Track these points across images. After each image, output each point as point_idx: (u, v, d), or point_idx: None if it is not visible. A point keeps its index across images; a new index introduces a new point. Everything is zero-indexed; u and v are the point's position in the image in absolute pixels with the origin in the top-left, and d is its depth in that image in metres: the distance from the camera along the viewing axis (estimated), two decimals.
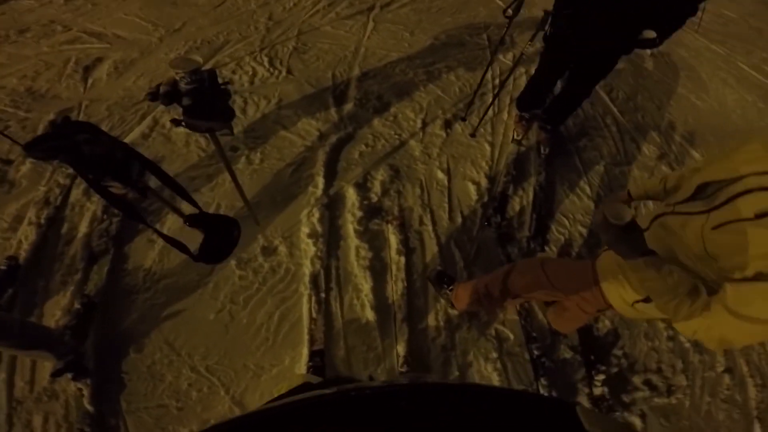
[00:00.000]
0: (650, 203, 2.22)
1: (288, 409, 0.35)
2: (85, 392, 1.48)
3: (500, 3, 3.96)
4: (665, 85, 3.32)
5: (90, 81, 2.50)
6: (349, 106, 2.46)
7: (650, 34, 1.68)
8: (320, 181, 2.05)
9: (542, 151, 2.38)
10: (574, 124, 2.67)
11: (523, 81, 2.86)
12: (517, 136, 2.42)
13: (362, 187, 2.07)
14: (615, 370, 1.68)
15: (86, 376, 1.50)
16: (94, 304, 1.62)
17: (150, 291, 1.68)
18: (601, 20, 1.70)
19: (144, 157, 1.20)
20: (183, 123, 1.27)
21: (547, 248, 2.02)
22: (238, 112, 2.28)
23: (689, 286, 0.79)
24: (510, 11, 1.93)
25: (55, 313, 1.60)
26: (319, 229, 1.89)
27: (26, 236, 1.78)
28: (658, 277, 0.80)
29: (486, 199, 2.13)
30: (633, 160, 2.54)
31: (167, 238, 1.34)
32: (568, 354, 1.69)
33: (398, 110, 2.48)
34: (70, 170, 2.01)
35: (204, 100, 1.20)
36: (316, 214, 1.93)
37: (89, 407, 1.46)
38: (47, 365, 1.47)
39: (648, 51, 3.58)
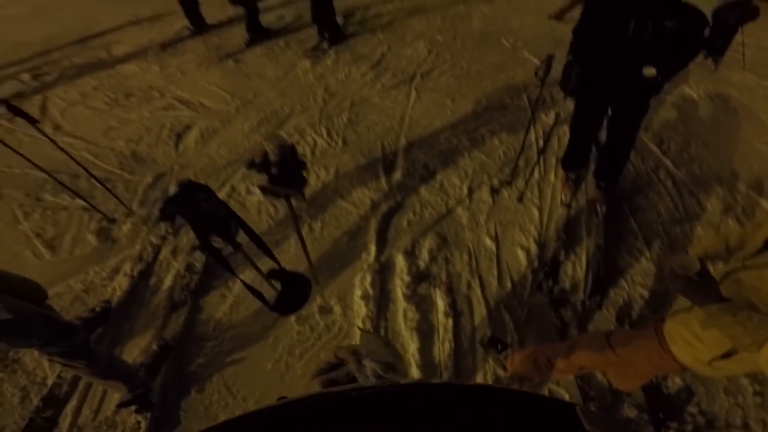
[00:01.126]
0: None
1: (288, 408, 0.35)
2: (143, 425, 1.66)
3: (536, 61, 4.14)
4: (721, 130, 3.18)
5: (181, 147, 2.97)
6: (397, 175, 2.66)
7: (650, 71, 1.71)
8: (372, 249, 2.22)
9: (599, 209, 2.36)
10: (625, 182, 2.64)
11: (566, 140, 2.92)
12: (565, 198, 2.45)
13: (410, 254, 2.21)
14: (690, 428, 1.58)
15: (149, 410, 1.69)
16: (170, 347, 1.86)
17: (218, 339, 1.92)
18: (605, 59, 1.78)
19: (239, 217, 1.42)
20: (267, 190, 1.48)
21: (604, 310, 1.98)
22: None
23: None
24: (541, 72, 2.04)
25: (133, 352, 1.87)
26: (370, 292, 2.04)
27: (120, 285, 2.12)
28: (736, 322, 0.80)
29: (536, 264, 2.16)
30: (694, 216, 2.42)
31: (250, 288, 1.55)
32: (632, 413, 1.62)
33: (444, 178, 2.63)
34: (162, 232, 2.36)
35: (287, 171, 1.42)
36: (368, 279, 2.09)
37: None
38: (116, 397, 1.69)
39: (695, 95, 3.50)
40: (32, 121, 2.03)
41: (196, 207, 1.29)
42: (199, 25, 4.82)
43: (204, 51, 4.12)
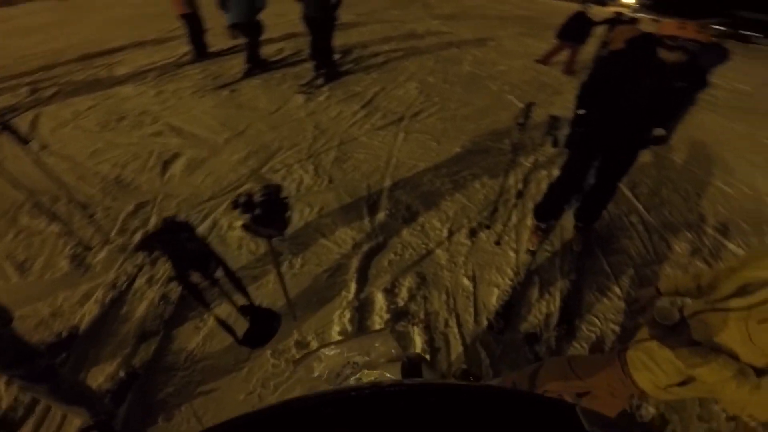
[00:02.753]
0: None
1: (289, 408, 0.36)
2: None
3: (520, 105, 4.40)
4: (690, 173, 3.39)
5: (167, 175, 3.01)
6: (380, 216, 2.76)
7: (660, 132, 1.83)
8: (352, 287, 2.27)
9: (574, 248, 2.50)
10: (599, 226, 2.79)
11: (545, 185, 3.11)
12: (532, 246, 2.54)
13: (390, 293, 2.27)
14: None
15: None
16: (137, 375, 1.83)
17: (189, 370, 1.89)
18: (610, 118, 1.88)
19: (218, 255, 1.46)
20: (249, 229, 1.54)
21: (577, 345, 2.08)
22: None
23: (735, 370, 0.89)
24: (521, 118, 2.21)
25: (98, 378, 1.83)
26: (349, 328, 2.07)
27: (90, 311, 2.09)
28: (704, 363, 0.90)
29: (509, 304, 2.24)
30: (664, 258, 2.59)
31: (221, 322, 1.56)
32: None
33: (426, 220, 2.75)
34: (138, 261, 2.37)
35: (270, 211, 1.47)
36: (347, 315, 2.12)
37: None
38: (75, 423, 1.63)
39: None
40: (23, 141, 2.07)
41: (178, 244, 1.34)
42: (201, 52, 5.04)
43: (201, 78, 4.28)
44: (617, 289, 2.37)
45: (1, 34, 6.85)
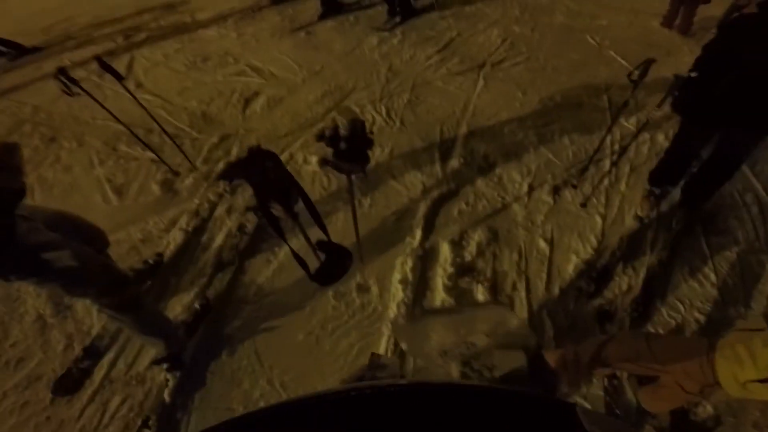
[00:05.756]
0: None
1: (289, 408, 0.37)
2: (170, 383, 1.80)
3: (623, 63, 3.91)
4: None
5: (247, 112, 3.26)
6: (454, 163, 2.69)
7: None
8: (418, 233, 2.28)
9: (673, 225, 2.28)
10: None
11: (646, 149, 2.79)
12: (641, 212, 2.35)
13: (457, 245, 2.24)
14: None
15: (179, 368, 1.82)
16: (210, 307, 2.03)
17: (257, 304, 2.07)
18: (732, 87, 1.67)
19: (301, 188, 1.50)
20: (330, 164, 1.57)
21: (652, 330, 1.93)
22: None
23: None
24: (636, 73, 1.97)
25: (176, 308, 2.06)
26: (410, 277, 2.10)
27: (175, 239, 2.35)
28: None
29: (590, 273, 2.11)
30: None
31: (296, 255, 1.66)
32: None
33: (504, 171, 2.62)
34: (220, 190, 2.60)
35: (354, 146, 1.48)
36: (410, 263, 2.15)
37: (167, 397, 1.76)
38: (151, 352, 1.83)
39: None
40: (118, 77, 2.32)
41: (262, 173, 1.38)
42: None
43: (279, 21, 4.43)
44: (712, 275, 2.10)
45: None
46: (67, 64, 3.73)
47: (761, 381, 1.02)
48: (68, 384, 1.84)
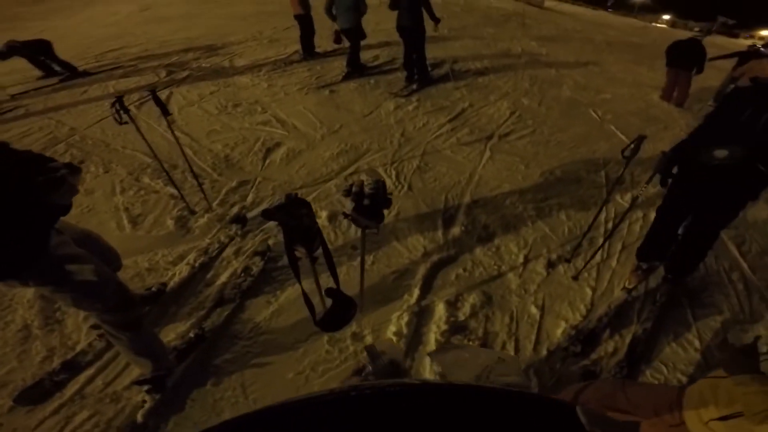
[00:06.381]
0: None
1: (290, 407, 0.37)
2: (147, 405, 1.73)
3: (622, 137, 4.19)
4: None
5: (267, 161, 3.47)
6: (455, 230, 2.85)
7: None
8: (416, 292, 2.39)
9: (657, 298, 2.39)
10: (692, 277, 2.60)
11: (638, 227, 2.97)
12: (629, 284, 2.48)
13: (452, 305, 2.34)
14: None
15: (160, 391, 1.76)
16: (204, 338, 2.05)
17: (251, 340, 2.11)
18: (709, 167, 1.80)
19: (323, 237, 1.62)
20: (350, 217, 1.69)
21: None
22: None
23: None
24: (629, 150, 2.14)
25: (170, 334, 2.09)
26: (404, 330, 2.18)
27: (180, 272, 2.44)
28: (761, 391, 0.94)
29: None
30: (760, 320, 2.37)
31: (306, 298, 1.70)
32: None
33: (502, 242, 2.78)
34: (231, 233, 2.74)
35: (375, 204, 1.60)
36: (405, 318, 2.24)
37: (140, 418, 1.70)
38: (134, 373, 1.80)
39: None
40: (166, 113, 2.53)
41: (298, 218, 1.51)
42: (309, 52, 5.73)
43: (307, 77, 4.85)
44: (697, 342, 2.21)
45: (144, 20, 8.37)
46: (123, 93, 4.07)
47: (722, 419, 1.09)
48: (34, 395, 1.78)
